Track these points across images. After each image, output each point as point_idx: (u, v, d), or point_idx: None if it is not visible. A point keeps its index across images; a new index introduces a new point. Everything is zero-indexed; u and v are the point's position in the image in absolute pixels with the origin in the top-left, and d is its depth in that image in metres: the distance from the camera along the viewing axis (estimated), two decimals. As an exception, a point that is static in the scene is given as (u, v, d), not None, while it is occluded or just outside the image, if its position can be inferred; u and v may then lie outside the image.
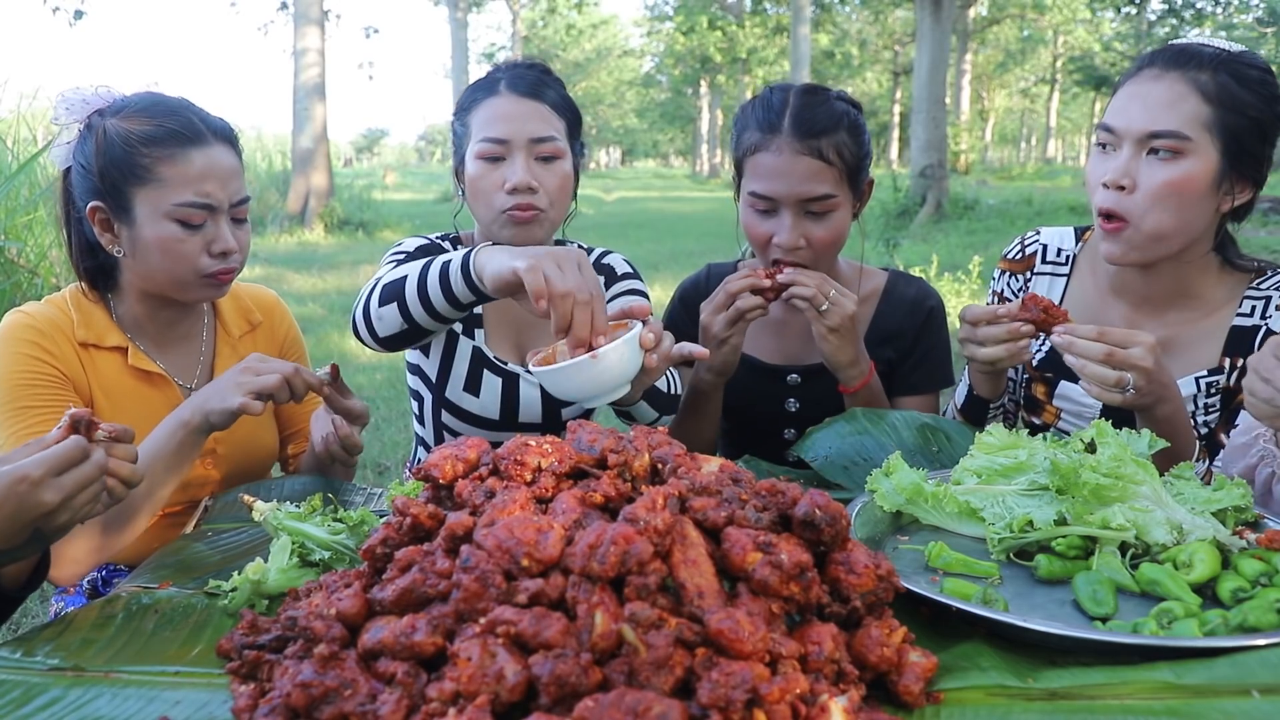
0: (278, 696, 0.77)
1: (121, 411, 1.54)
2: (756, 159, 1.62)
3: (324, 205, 14.65)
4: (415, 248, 1.74)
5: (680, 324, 1.89)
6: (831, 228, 1.63)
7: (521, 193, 1.64)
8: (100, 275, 1.58)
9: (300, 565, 1.12)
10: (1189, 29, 26.10)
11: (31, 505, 0.98)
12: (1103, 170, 1.49)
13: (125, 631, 1.00)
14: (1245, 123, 1.44)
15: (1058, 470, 1.13)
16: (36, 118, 5.95)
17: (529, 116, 1.65)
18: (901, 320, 1.81)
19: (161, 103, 1.51)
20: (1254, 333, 1.56)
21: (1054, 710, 0.79)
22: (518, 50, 34.00)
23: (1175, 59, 1.46)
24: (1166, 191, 1.44)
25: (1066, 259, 1.74)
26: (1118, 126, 1.47)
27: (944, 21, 13.96)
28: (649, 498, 0.83)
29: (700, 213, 18.71)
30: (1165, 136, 1.43)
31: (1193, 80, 1.43)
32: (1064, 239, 1.76)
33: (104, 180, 1.46)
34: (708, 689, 0.71)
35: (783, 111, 1.61)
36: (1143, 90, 1.46)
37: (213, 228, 1.49)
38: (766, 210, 1.63)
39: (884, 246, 9.47)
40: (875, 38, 38.66)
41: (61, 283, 4.38)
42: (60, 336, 1.51)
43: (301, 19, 14.79)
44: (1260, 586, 1.00)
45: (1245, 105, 1.43)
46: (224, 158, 1.51)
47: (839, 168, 1.60)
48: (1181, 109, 1.43)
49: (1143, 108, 1.45)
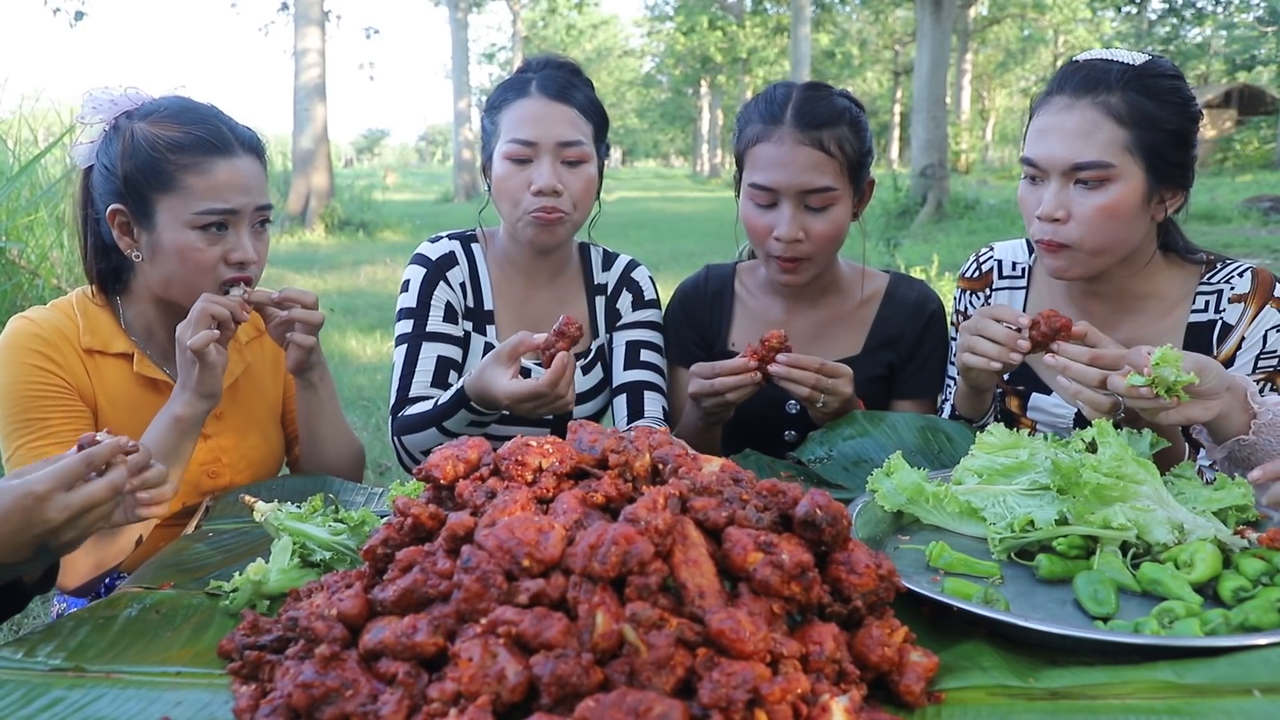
0: (279, 697, 0.77)
1: (126, 419, 1.54)
2: (757, 150, 1.63)
3: (324, 206, 14.67)
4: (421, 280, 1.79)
5: (679, 327, 1.88)
6: (831, 222, 1.63)
7: (547, 195, 1.66)
8: (111, 278, 1.57)
9: (301, 566, 1.12)
10: (1189, 28, 26.09)
11: (37, 521, 0.98)
12: (1035, 201, 1.51)
13: (127, 632, 1.00)
14: (1163, 137, 1.45)
15: (1059, 470, 1.13)
16: (38, 119, 5.96)
17: (558, 120, 1.67)
18: (902, 324, 1.80)
19: (191, 109, 1.50)
20: (1210, 328, 1.58)
21: (1055, 710, 0.79)
22: (518, 51, 33.99)
23: (1083, 84, 1.46)
24: (1100, 217, 1.45)
25: (1022, 272, 1.76)
26: (1040, 160, 1.49)
27: (944, 21, 13.95)
28: (650, 498, 0.83)
29: (701, 213, 18.71)
30: (1088, 168, 1.44)
31: (1103, 106, 1.44)
32: (1017, 253, 1.77)
33: (127, 184, 1.45)
34: (709, 689, 0.71)
35: (785, 104, 1.61)
36: (1057, 121, 1.47)
37: (233, 237, 1.49)
38: (767, 204, 1.63)
39: (885, 246, 9.47)
40: (875, 37, 38.65)
41: (63, 284, 4.38)
42: (65, 345, 1.50)
43: (302, 19, 14.80)
44: (1261, 586, 1.00)
45: (1160, 120, 1.44)
46: (249, 168, 1.50)
47: (840, 161, 1.60)
48: (1098, 137, 1.43)
49: (1060, 140, 1.46)
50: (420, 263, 1.81)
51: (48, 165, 5.39)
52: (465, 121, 23.05)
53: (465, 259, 1.83)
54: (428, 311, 1.77)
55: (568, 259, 1.89)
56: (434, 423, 1.61)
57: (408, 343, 1.76)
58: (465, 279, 1.82)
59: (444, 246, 1.83)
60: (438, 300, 1.78)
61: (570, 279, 1.90)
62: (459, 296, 1.81)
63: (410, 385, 1.73)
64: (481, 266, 1.84)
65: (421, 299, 1.78)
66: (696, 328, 1.87)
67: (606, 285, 1.93)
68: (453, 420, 1.59)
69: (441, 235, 1.86)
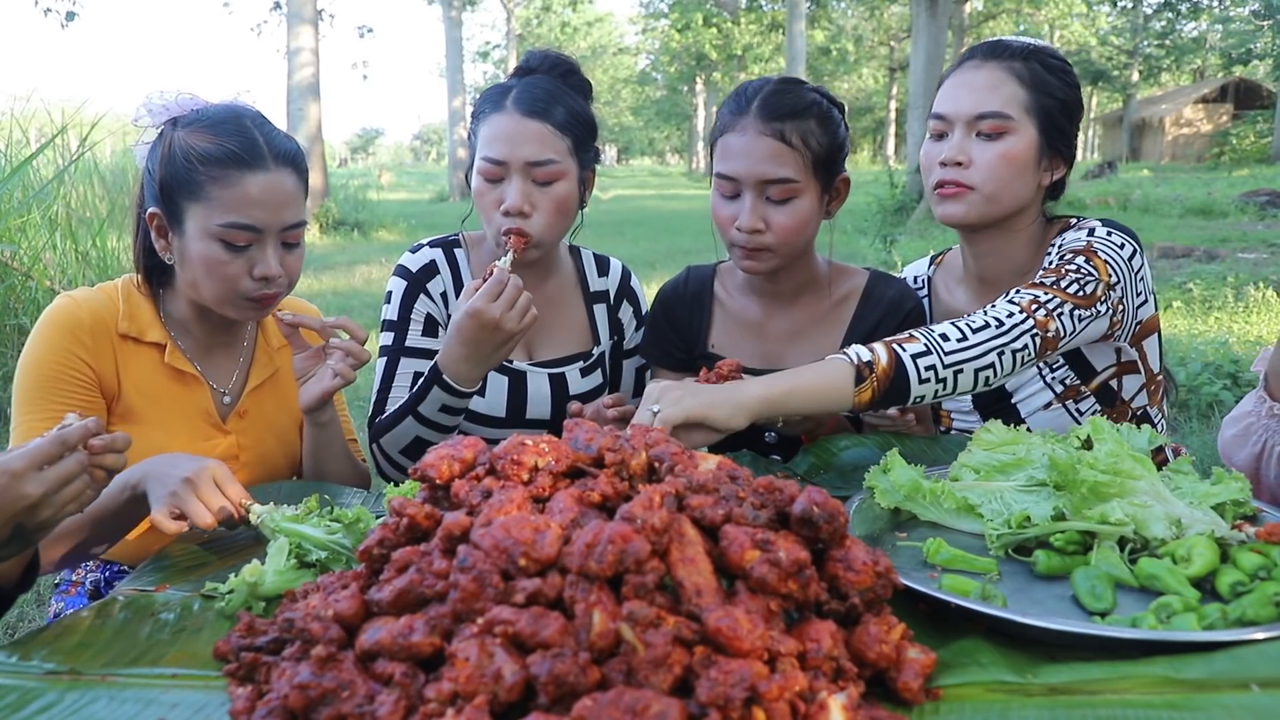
0: (275, 698, 0.77)
1: (152, 407, 1.56)
2: (724, 140, 1.63)
3: (319, 205, 14.64)
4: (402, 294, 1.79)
5: (661, 329, 1.88)
6: (793, 215, 1.61)
7: (514, 216, 1.66)
8: (156, 272, 1.60)
9: (298, 566, 1.11)
10: (1185, 22, 26.11)
11: (15, 498, 0.99)
12: (937, 153, 1.68)
13: (122, 634, 1.00)
14: (1055, 104, 1.64)
15: (1056, 466, 1.13)
16: (29, 120, 5.93)
17: (528, 138, 1.65)
18: (879, 322, 1.77)
19: (230, 120, 1.49)
20: None
21: (1053, 705, 0.79)
22: (512, 49, 33.92)
23: (991, 50, 1.67)
24: (997, 162, 1.62)
25: (923, 283, 1.94)
26: (948, 113, 1.66)
27: (940, 17, 13.96)
28: (646, 496, 0.83)
29: (696, 210, 18.68)
30: (991, 117, 1.62)
31: (1008, 68, 1.64)
32: (919, 268, 1.97)
33: (163, 190, 1.48)
34: (706, 687, 0.71)
35: (754, 97, 1.62)
36: (967, 79, 1.66)
37: (258, 251, 1.48)
38: (730, 194, 1.64)
39: (881, 243, 9.48)
40: (871, 33, 38.65)
41: (56, 286, 4.36)
42: (101, 329, 1.52)
43: (295, 19, 14.77)
44: (1259, 580, 1.00)
45: (1053, 88, 1.64)
46: (280, 182, 1.48)
47: (802, 154, 1.59)
48: (1002, 91, 1.63)
49: (968, 93, 1.65)
50: (401, 274, 1.81)
51: (39, 167, 5.37)
52: (460, 120, 23.01)
53: (447, 266, 1.82)
54: (407, 326, 1.79)
55: (557, 263, 1.89)
56: (409, 411, 1.61)
57: (387, 356, 1.79)
58: (447, 287, 1.82)
59: (424, 256, 1.82)
60: (417, 314, 1.79)
61: (564, 282, 1.90)
62: (439, 307, 1.81)
63: (386, 400, 1.76)
64: (465, 272, 1.83)
65: (402, 313, 1.79)
66: (678, 330, 1.86)
67: (607, 292, 1.93)
68: (426, 403, 1.58)
69: (423, 244, 1.86)
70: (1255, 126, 26.56)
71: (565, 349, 1.87)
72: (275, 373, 1.73)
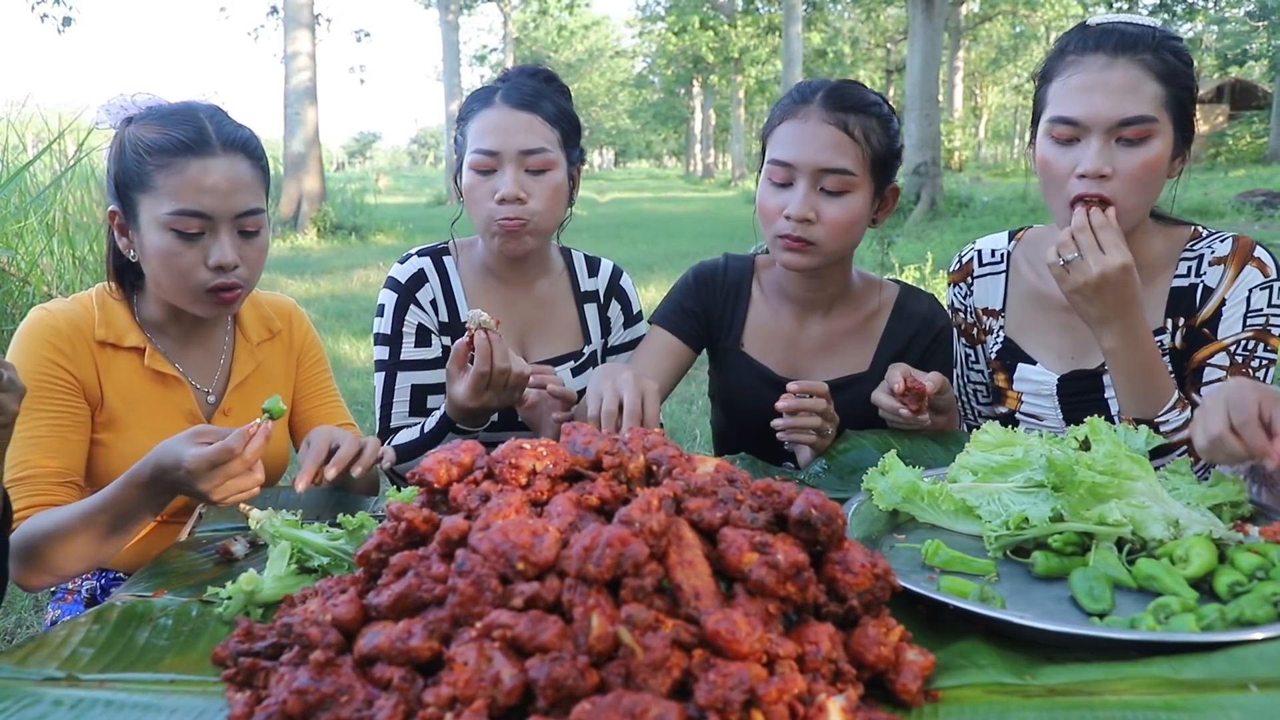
0: (274, 704, 0.77)
1: (135, 411, 1.55)
2: (782, 128, 1.63)
3: (316, 209, 14.64)
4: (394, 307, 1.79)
5: (686, 298, 1.84)
6: (845, 210, 1.60)
7: (510, 204, 1.67)
8: (128, 274, 1.59)
9: (298, 572, 1.11)
10: (1180, 23, 26.15)
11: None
12: (1069, 161, 1.51)
13: (120, 640, 1.00)
14: (1186, 95, 1.51)
15: (1054, 467, 1.13)
16: (25, 125, 5.93)
17: (520, 129, 1.68)
18: (909, 339, 1.77)
19: (181, 112, 1.49)
20: (1192, 291, 1.62)
21: (1052, 707, 0.79)
22: (509, 52, 33.96)
23: (1121, 43, 1.49)
24: (1144, 173, 1.48)
25: (1001, 258, 1.81)
26: (1083, 117, 1.49)
27: (936, 19, 13.99)
28: (644, 499, 0.83)
29: (694, 213, 18.69)
30: (1136, 123, 1.46)
31: (1142, 62, 1.48)
32: (997, 242, 1.84)
33: (117, 186, 1.48)
34: (705, 690, 0.71)
35: (819, 89, 1.63)
36: (1100, 79, 1.49)
37: (211, 240, 1.47)
38: (782, 181, 1.62)
39: (879, 244, 9.47)
40: (867, 36, 38.70)
41: (53, 291, 4.36)
42: (78, 337, 1.52)
43: (292, 23, 14.79)
44: (1257, 580, 1.00)
45: (1185, 78, 1.51)
46: (230, 168, 1.46)
47: (863, 148, 1.59)
48: (1143, 92, 1.47)
49: (1105, 96, 1.47)
50: (391, 287, 1.82)
51: (36, 172, 5.37)
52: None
53: (436, 274, 1.82)
54: (400, 340, 1.80)
55: (549, 264, 1.90)
56: (427, 445, 1.61)
57: (385, 370, 1.80)
58: (436, 295, 1.82)
59: (413, 266, 1.82)
60: (409, 325, 1.80)
61: (555, 284, 1.91)
62: (430, 315, 1.81)
63: (390, 415, 1.78)
64: (454, 278, 1.83)
65: (394, 326, 1.80)
66: (706, 310, 1.83)
67: (597, 292, 1.94)
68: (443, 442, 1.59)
69: (411, 253, 1.86)
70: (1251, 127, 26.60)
71: (557, 349, 1.88)
72: (258, 368, 1.70)
